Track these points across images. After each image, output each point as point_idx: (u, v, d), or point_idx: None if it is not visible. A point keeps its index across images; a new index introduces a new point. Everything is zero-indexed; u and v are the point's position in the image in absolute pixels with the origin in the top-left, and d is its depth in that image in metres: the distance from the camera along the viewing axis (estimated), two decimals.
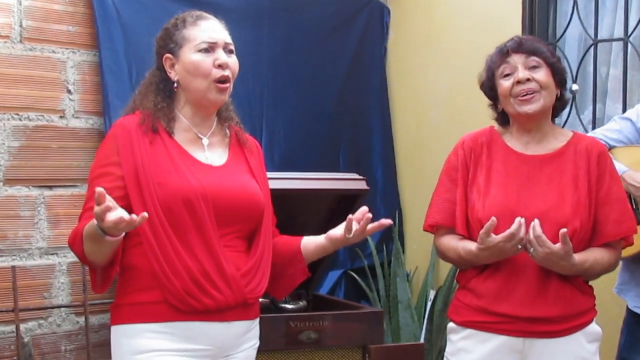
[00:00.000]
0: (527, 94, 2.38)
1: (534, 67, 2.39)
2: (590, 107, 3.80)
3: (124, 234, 2.01)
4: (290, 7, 4.19)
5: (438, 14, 4.32)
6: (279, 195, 2.92)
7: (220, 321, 2.18)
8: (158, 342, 2.13)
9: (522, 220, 2.25)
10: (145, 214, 1.93)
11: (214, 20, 2.27)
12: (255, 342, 2.34)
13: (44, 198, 3.41)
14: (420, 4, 4.42)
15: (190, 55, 2.20)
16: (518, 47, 2.42)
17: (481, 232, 2.27)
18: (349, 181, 3.33)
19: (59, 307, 3.44)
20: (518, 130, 2.48)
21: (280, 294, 2.49)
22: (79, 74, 3.51)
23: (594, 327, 2.43)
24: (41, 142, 3.41)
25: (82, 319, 3.45)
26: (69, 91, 3.49)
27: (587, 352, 2.40)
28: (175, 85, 2.24)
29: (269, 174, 2.42)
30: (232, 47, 2.26)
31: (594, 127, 3.75)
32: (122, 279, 2.20)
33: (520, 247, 2.27)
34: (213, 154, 2.28)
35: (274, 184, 2.44)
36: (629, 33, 3.64)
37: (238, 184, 2.25)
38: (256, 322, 2.33)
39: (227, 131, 2.36)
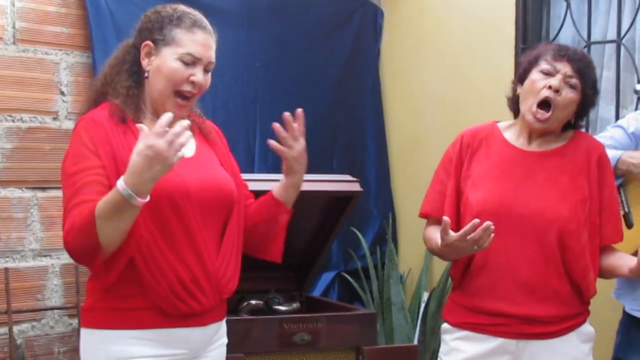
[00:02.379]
0: (544, 110, 2.35)
1: (570, 87, 2.37)
2: None
3: (148, 197, 1.93)
4: (284, 9, 4.18)
5: (431, 16, 4.32)
6: None
7: (199, 326, 2.17)
8: (139, 349, 2.08)
9: (478, 221, 2.19)
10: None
11: (208, 33, 2.19)
12: (224, 340, 2.32)
13: (37, 200, 3.40)
14: (414, 6, 4.42)
15: (170, 59, 2.13)
16: (574, 60, 2.37)
17: (440, 229, 2.26)
18: (343, 183, 3.32)
19: (52, 309, 3.43)
20: (522, 126, 2.47)
21: (275, 251, 2.40)
22: (72, 76, 3.50)
23: (587, 328, 2.44)
24: (34, 144, 3.40)
25: (75, 321, 3.44)
26: (62, 93, 3.48)
27: (581, 352, 2.41)
28: (146, 75, 2.18)
29: (263, 175, 2.42)
30: (212, 67, 2.20)
31: (587, 129, 3.76)
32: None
33: (476, 247, 2.21)
34: None
35: (267, 186, 2.43)
36: (622, 35, 3.64)
37: (212, 176, 2.21)
38: (224, 322, 2.31)
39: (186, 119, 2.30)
